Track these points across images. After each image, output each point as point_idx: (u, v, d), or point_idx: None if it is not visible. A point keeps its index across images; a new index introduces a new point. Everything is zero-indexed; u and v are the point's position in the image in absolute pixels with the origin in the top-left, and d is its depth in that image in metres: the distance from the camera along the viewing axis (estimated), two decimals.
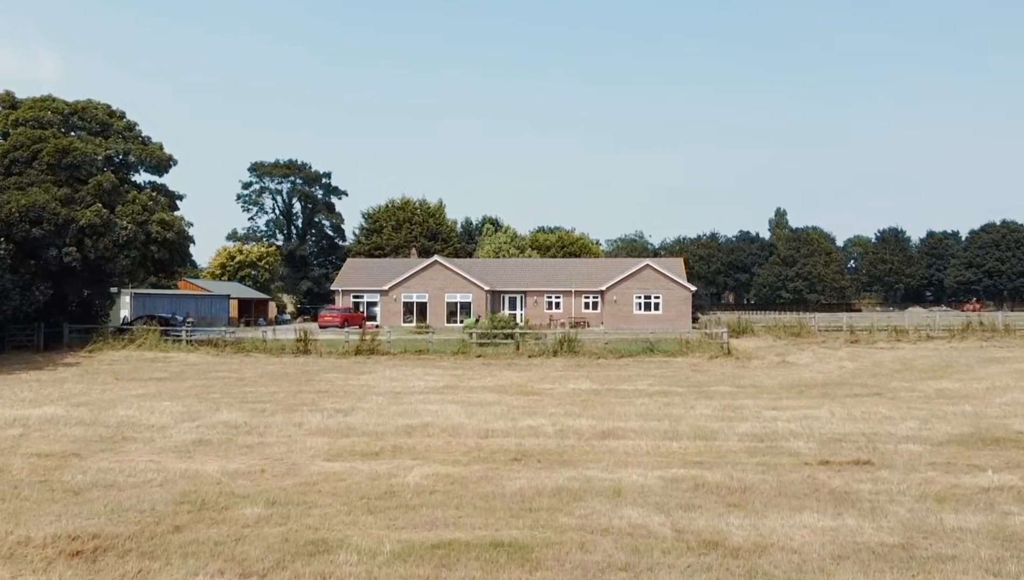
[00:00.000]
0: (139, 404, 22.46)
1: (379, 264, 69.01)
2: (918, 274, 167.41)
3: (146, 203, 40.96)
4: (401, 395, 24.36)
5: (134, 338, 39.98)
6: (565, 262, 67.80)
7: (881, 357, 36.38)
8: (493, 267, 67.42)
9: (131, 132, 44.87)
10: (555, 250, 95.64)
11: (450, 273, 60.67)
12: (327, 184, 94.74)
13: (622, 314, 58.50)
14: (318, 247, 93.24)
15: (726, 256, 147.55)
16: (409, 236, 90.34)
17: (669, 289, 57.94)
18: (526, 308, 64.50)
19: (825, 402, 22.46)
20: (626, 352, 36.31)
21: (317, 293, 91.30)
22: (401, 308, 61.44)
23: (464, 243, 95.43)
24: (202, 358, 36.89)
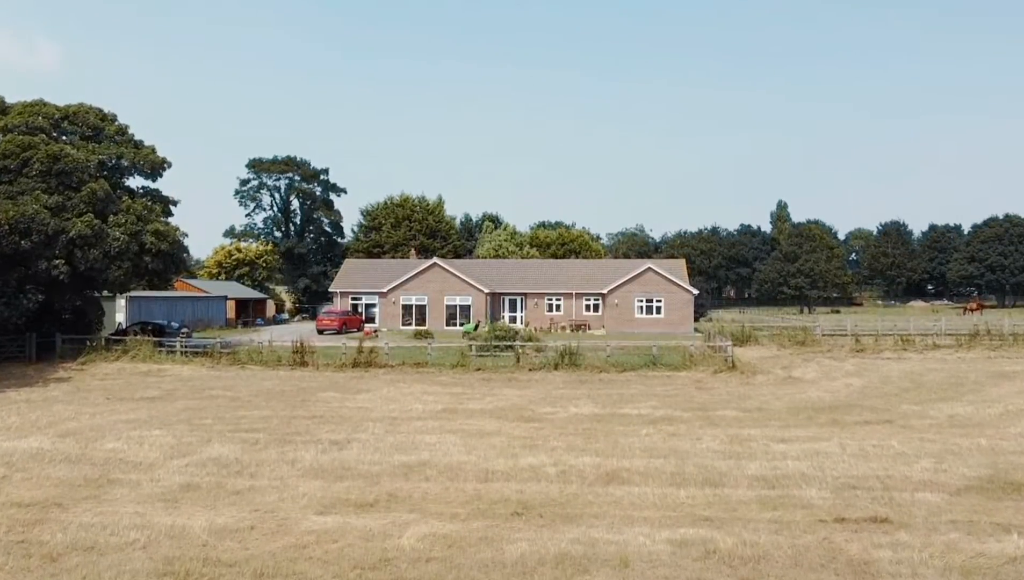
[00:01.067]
0: (128, 434, 21.80)
1: (378, 265, 68.30)
2: (920, 268, 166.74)
3: (140, 212, 40.22)
4: (398, 422, 23.71)
5: (127, 349, 39.32)
6: (566, 263, 67.09)
7: (888, 370, 35.72)
8: (493, 268, 66.70)
9: (123, 136, 44.07)
10: (555, 248, 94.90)
11: (449, 275, 59.97)
12: (325, 181, 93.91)
13: (623, 317, 57.84)
14: (316, 244, 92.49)
15: (727, 250, 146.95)
16: (408, 234, 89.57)
17: (671, 292, 57.25)
18: (526, 310, 63.83)
19: (835, 432, 21.81)
20: (629, 366, 35.65)
21: (316, 291, 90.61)
22: (400, 311, 60.76)
23: (464, 240, 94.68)
24: (196, 371, 36.23)
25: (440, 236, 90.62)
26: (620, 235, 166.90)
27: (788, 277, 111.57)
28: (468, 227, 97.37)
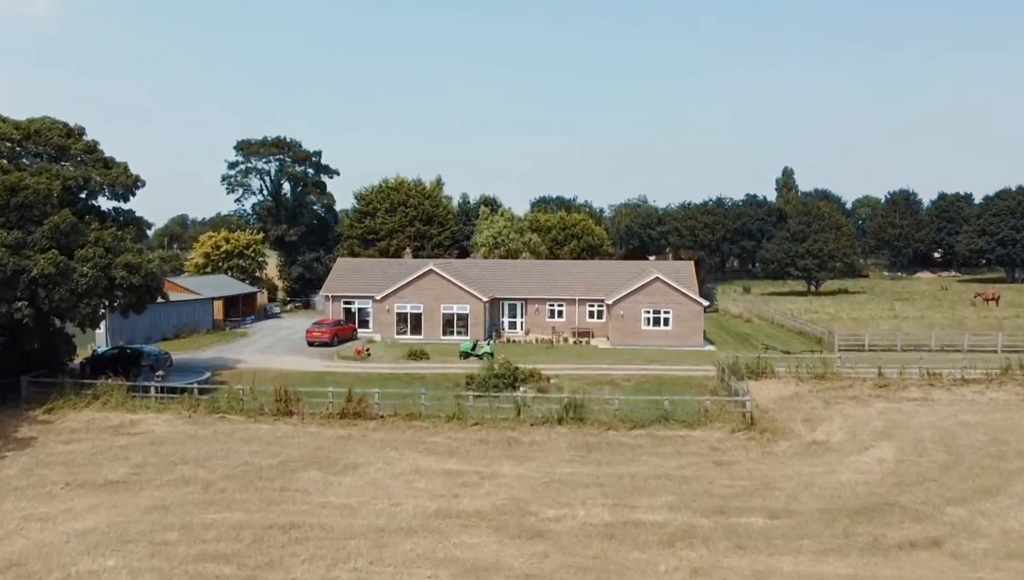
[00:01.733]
0: (77, 567, 19.26)
1: (370, 266, 65.17)
2: (927, 238, 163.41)
3: (109, 243, 37.07)
4: (386, 542, 21.02)
5: (98, 394, 36.50)
6: (568, 265, 63.94)
7: (919, 426, 33.04)
8: (491, 270, 63.59)
9: (92, 154, 40.65)
10: (556, 232, 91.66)
11: (446, 282, 56.93)
12: (317, 162, 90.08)
13: (629, 329, 54.99)
14: (309, 229, 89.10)
15: (732, 222, 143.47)
16: (404, 220, 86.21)
17: (680, 303, 54.31)
18: (527, 316, 60.93)
19: (877, 565, 19.24)
20: (639, 421, 32.88)
21: (308, 279, 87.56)
22: (394, 319, 57.87)
23: (462, 224, 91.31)
24: (171, 427, 33.45)
25: (437, 222, 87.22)
26: (623, 206, 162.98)
27: (796, 257, 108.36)
28: (466, 210, 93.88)
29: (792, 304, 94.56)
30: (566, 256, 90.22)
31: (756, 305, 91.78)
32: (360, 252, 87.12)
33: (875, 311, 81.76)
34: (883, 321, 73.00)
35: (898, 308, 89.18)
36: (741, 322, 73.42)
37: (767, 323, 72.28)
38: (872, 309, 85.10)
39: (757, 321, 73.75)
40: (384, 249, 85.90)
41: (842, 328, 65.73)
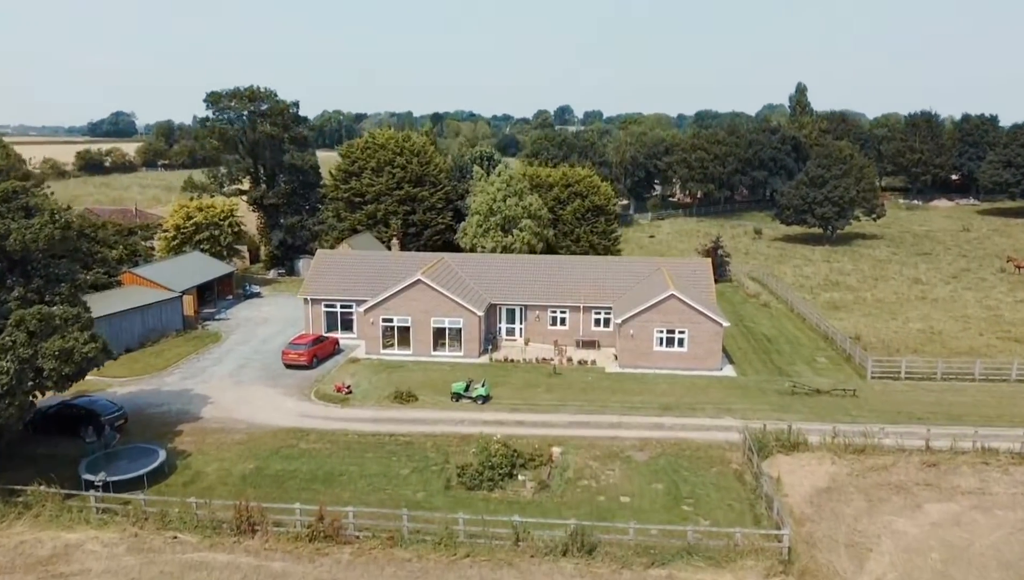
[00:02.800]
0: None
1: (354, 261, 58.97)
2: (948, 164, 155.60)
3: (34, 326, 31.25)
4: None
5: (30, 504, 31.55)
6: (571, 263, 57.55)
7: (982, 551, 28.27)
8: (488, 269, 57.47)
9: (7, 202, 34.22)
10: (558, 189, 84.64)
11: (436, 294, 51.12)
12: (295, 114, 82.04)
13: (640, 350, 49.62)
14: (290, 188, 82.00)
15: (743, 151, 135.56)
16: (391, 182, 79.17)
17: (697, 323, 48.71)
18: (526, 322, 55.40)
19: None
20: (657, 557, 28.09)
21: (291, 245, 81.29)
22: (380, 333, 52.36)
23: (455, 182, 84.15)
24: (112, 562, 28.62)
25: (428, 182, 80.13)
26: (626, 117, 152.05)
27: (814, 205, 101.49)
28: (460, 165, 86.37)
29: (808, 264, 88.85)
30: (569, 217, 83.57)
31: (773, 268, 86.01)
32: (347, 216, 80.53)
33: (900, 288, 75.90)
34: (912, 308, 67.57)
35: (922, 272, 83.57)
36: (758, 307, 67.83)
37: (787, 311, 66.69)
38: (895, 281, 79.29)
39: (776, 305, 68.15)
40: (371, 213, 79.26)
41: (869, 327, 60.45)
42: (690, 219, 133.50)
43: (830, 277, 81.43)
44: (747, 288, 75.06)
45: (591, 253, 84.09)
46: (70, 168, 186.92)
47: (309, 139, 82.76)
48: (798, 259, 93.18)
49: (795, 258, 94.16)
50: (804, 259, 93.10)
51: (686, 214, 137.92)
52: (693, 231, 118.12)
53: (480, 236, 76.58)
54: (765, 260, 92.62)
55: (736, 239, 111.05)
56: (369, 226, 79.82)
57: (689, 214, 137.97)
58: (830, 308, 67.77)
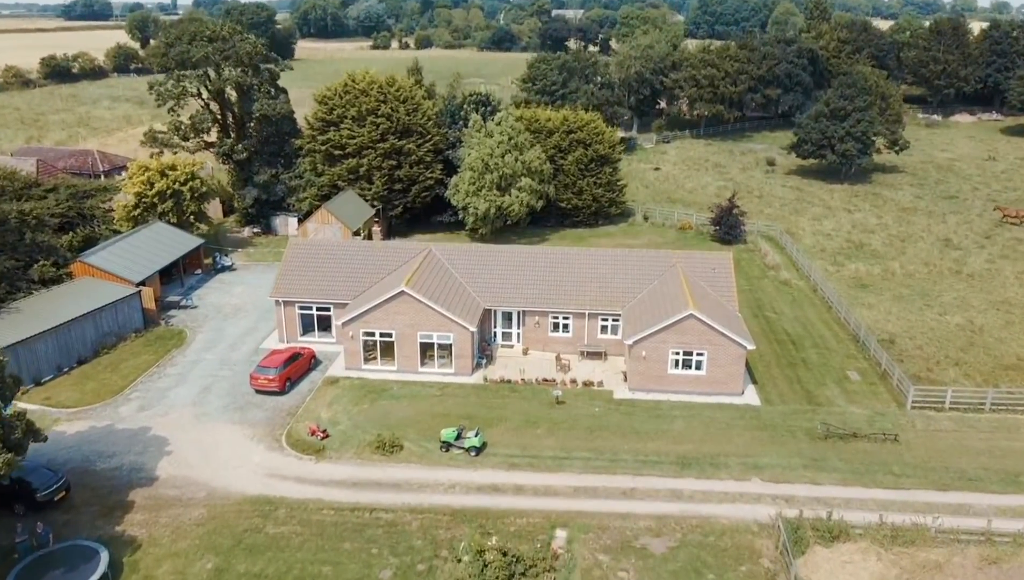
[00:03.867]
0: None
1: (330, 254, 52.27)
2: (973, 76, 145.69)
3: None
4: None
5: None
6: (575, 258, 50.86)
7: None
8: (481, 262, 51.01)
9: None
10: (559, 136, 77.03)
11: (423, 308, 45.12)
12: (265, 52, 72.75)
13: (653, 373, 44.14)
14: (262, 140, 73.84)
15: (756, 68, 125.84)
16: (374, 134, 71.33)
17: (718, 345, 43.03)
18: (524, 327, 49.64)
19: None
20: None
21: (266, 201, 74.08)
22: (361, 347, 46.66)
23: (446, 129, 76.06)
24: None
25: (416, 132, 72.18)
26: None
27: (835, 141, 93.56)
28: (451, 109, 77.78)
29: (827, 215, 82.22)
30: (571, 167, 76.36)
31: (789, 221, 79.53)
32: (325, 170, 73.12)
33: (930, 254, 69.62)
34: (947, 287, 61.79)
35: (952, 228, 77.33)
36: (778, 286, 61.87)
37: (809, 292, 60.79)
38: (923, 242, 73.00)
39: (797, 283, 62.19)
40: (353, 168, 71.83)
41: (901, 320, 54.90)
42: (697, 142, 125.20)
43: (852, 236, 75.05)
44: (764, 256, 68.84)
45: (594, 206, 77.68)
46: (35, 76, 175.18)
47: (279, 63, 73.15)
48: (816, 206, 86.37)
49: (813, 204, 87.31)
50: (823, 207, 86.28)
51: (693, 135, 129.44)
52: (701, 160, 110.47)
53: (473, 195, 69.84)
54: (781, 208, 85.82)
55: (747, 172, 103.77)
56: (351, 181, 72.64)
57: (696, 135, 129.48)
58: (856, 286, 61.95)
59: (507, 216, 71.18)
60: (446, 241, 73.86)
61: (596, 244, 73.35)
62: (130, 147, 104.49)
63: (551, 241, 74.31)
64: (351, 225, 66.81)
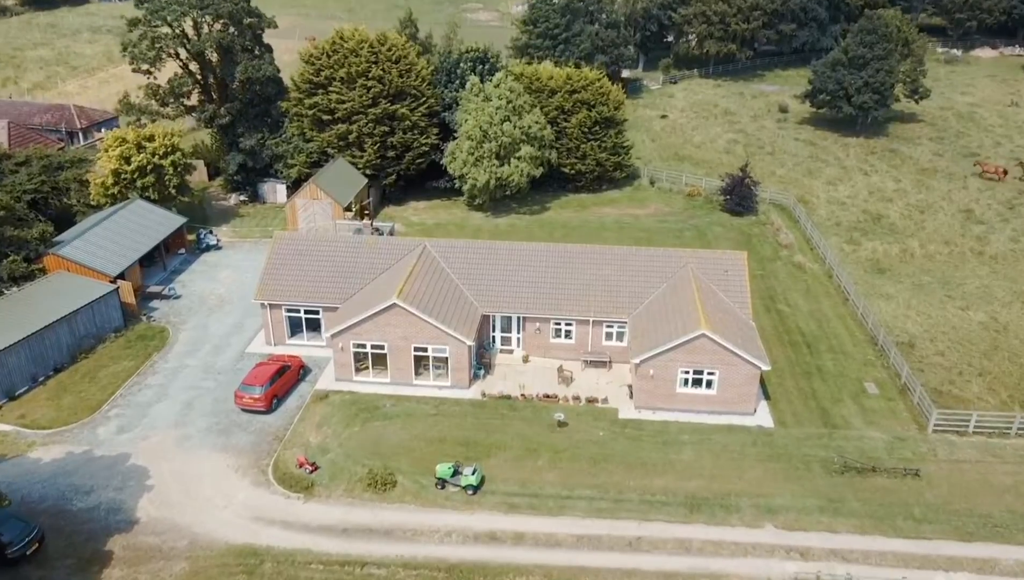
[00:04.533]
0: None
1: (317, 250, 48.95)
2: (997, 8, 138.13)
3: None
4: None
5: None
6: (579, 256, 47.54)
7: None
8: (478, 259, 47.85)
9: None
10: (562, 97, 72.53)
11: (416, 320, 42.33)
12: (247, 7, 67.41)
13: (660, 391, 41.72)
14: (246, 101, 69.18)
15: (769, 2, 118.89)
16: (366, 99, 66.94)
17: (731, 365, 40.42)
18: (524, 333, 46.95)
19: None
20: None
21: (252, 168, 70.12)
22: (351, 359, 44.10)
23: (441, 88, 71.38)
24: None
25: (409, 95, 67.65)
26: None
27: (851, 91, 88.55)
28: (447, 67, 72.65)
29: (843, 177, 78.32)
30: (574, 130, 72.13)
31: (803, 185, 75.81)
32: (314, 136, 69.03)
33: (951, 229, 66.22)
34: (969, 272, 58.81)
35: (973, 195, 73.72)
36: (792, 271, 58.84)
37: (825, 278, 57.80)
38: (943, 214, 69.50)
39: (811, 268, 59.11)
40: (343, 133, 67.69)
41: (921, 316, 52.21)
42: (706, 82, 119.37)
43: (869, 206, 71.45)
44: (777, 232, 65.48)
45: (598, 171, 73.88)
46: (11, 3, 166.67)
47: (263, 19, 67.66)
48: (831, 166, 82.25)
49: (827, 163, 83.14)
50: (837, 166, 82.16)
51: (701, 74, 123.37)
52: (710, 105, 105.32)
53: (472, 165, 66.09)
54: (794, 167, 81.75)
55: (758, 121, 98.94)
56: (341, 148, 68.63)
57: (705, 74, 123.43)
58: (873, 271, 58.96)
59: (507, 186, 67.55)
60: (443, 209, 70.77)
61: (599, 213, 70.12)
62: (112, 90, 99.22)
63: (552, 209, 70.91)
64: (342, 200, 63.26)
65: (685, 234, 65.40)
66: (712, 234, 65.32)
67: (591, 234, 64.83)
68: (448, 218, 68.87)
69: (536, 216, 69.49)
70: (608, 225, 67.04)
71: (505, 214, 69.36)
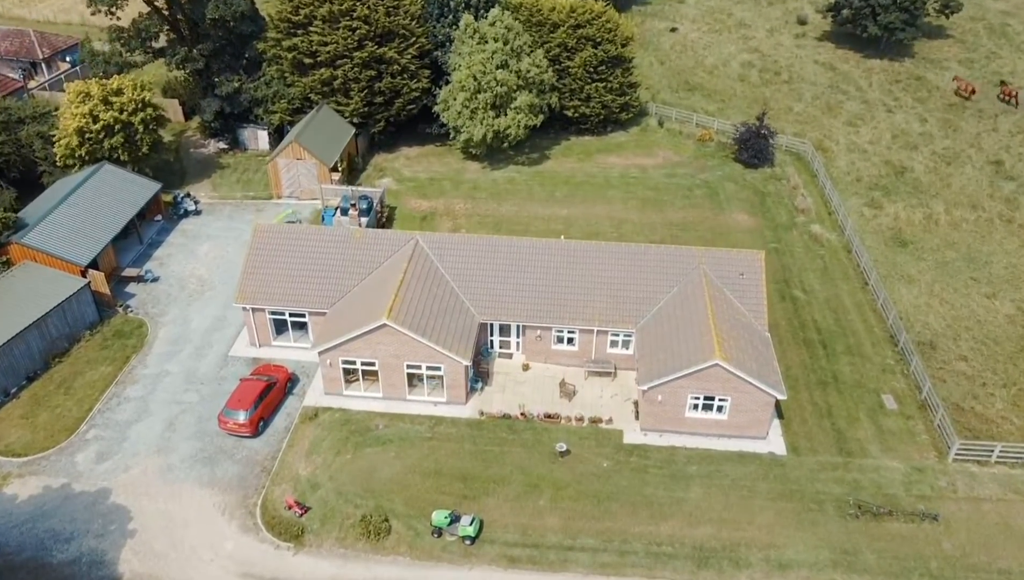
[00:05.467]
0: None
1: (301, 245, 45.22)
2: None
3: None
4: None
5: None
6: (583, 255, 43.75)
7: None
8: (475, 257, 44.30)
9: None
10: (565, 32, 66.47)
11: (408, 340, 39.45)
12: None
13: (668, 415, 39.43)
14: (220, 42, 62.74)
15: None
16: (351, 41, 61.08)
17: (744, 392, 37.89)
18: (524, 338, 44.17)
19: None
20: None
21: (231, 114, 64.83)
22: (341, 374, 41.54)
23: (434, 23, 64.95)
24: None
25: (398, 37, 61.48)
26: None
27: (878, 9, 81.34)
28: (440, 3, 65.33)
29: (864, 114, 73.18)
30: (578, 70, 66.53)
31: (821, 124, 70.86)
32: (295, 80, 63.54)
33: (978, 188, 62.04)
34: (996, 245, 55.48)
35: (1003, 140, 69.17)
36: (808, 243, 55.38)
37: (844, 251, 54.45)
38: (971, 168, 65.10)
39: (829, 240, 55.59)
40: (326, 79, 62.21)
41: (944, 305, 49.43)
42: None
43: (892, 156, 66.85)
44: (794, 191, 61.34)
45: (604, 113, 68.94)
46: None
47: None
48: (852, 100, 76.68)
49: (848, 96, 77.49)
50: (859, 100, 76.60)
51: None
52: (723, 15, 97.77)
53: (467, 119, 61.33)
54: (812, 101, 76.30)
55: (775, 36, 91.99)
56: (325, 95, 63.36)
57: None
58: (895, 244, 55.54)
59: (505, 138, 62.86)
60: (436, 158, 66.42)
61: (604, 164, 65.76)
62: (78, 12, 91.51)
63: (553, 158, 66.46)
64: (327, 160, 58.77)
65: (696, 193, 61.37)
66: (724, 194, 61.24)
67: (595, 193, 60.90)
68: (442, 170, 64.51)
69: (536, 167, 65.09)
70: (613, 181, 62.82)
71: (503, 165, 64.95)
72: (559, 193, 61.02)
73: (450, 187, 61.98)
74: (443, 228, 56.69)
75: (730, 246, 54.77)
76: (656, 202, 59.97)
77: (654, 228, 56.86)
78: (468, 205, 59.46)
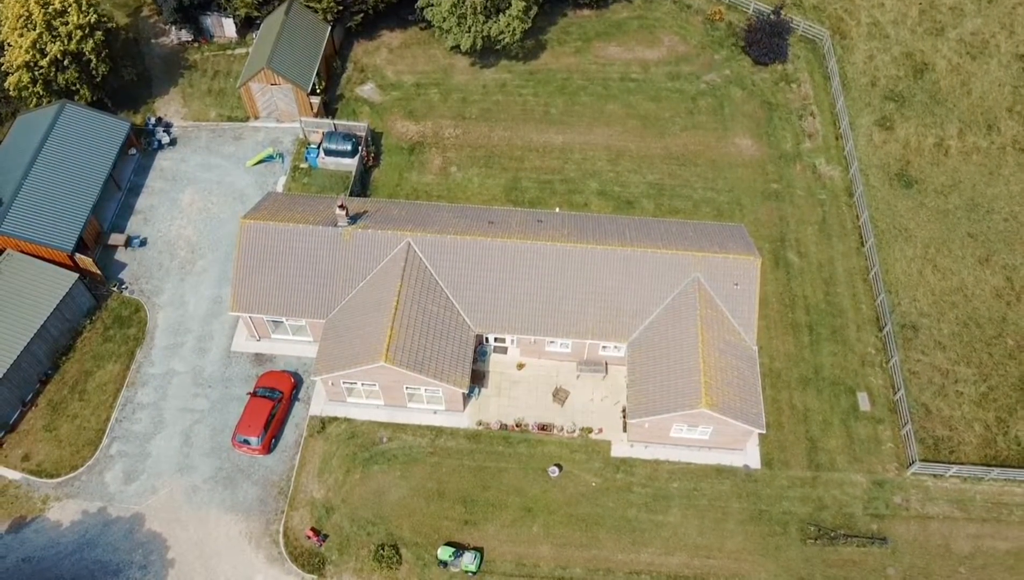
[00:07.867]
0: None
1: (291, 246, 43.75)
2: None
3: None
4: None
5: None
6: (582, 257, 42.08)
7: None
8: (469, 260, 43.30)
9: None
10: None
11: (407, 373, 40.59)
12: None
13: (655, 432, 42.02)
14: None
15: None
16: None
17: (726, 424, 40.01)
18: (518, 341, 45.18)
19: None
20: None
21: (192, 3, 57.75)
22: (344, 390, 43.22)
23: None
24: None
25: None
26: None
27: None
28: None
29: None
30: None
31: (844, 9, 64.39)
32: None
33: (998, 80, 58.18)
34: (997, 198, 54.09)
35: None
36: (810, 187, 53.71)
37: (845, 202, 53.00)
38: (995, 52, 60.48)
39: (831, 185, 53.72)
40: None
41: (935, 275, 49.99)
42: None
43: (914, 44, 61.51)
44: (803, 109, 57.72)
45: None
46: None
47: None
48: None
49: None
50: None
51: None
52: None
53: (456, 27, 56.33)
54: None
55: None
56: None
57: None
58: (900, 184, 53.96)
59: (497, 43, 57.64)
60: (420, 52, 61.78)
61: (604, 57, 61.27)
62: None
63: (549, 51, 61.52)
64: (303, 83, 54.46)
65: (699, 103, 57.99)
66: (730, 105, 57.88)
67: (593, 110, 57.56)
68: (428, 70, 60.06)
69: (530, 64, 60.42)
70: (613, 88, 58.85)
71: (494, 64, 60.30)
72: (554, 109, 57.48)
73: (438, 99, 58.13)
74: (433, 166, 54.52)
75: (731, 189, 53.91)
76: (657, 122, 56.85)
77: (652, 163, 54.76)
78: (458, 131, 56.34)
